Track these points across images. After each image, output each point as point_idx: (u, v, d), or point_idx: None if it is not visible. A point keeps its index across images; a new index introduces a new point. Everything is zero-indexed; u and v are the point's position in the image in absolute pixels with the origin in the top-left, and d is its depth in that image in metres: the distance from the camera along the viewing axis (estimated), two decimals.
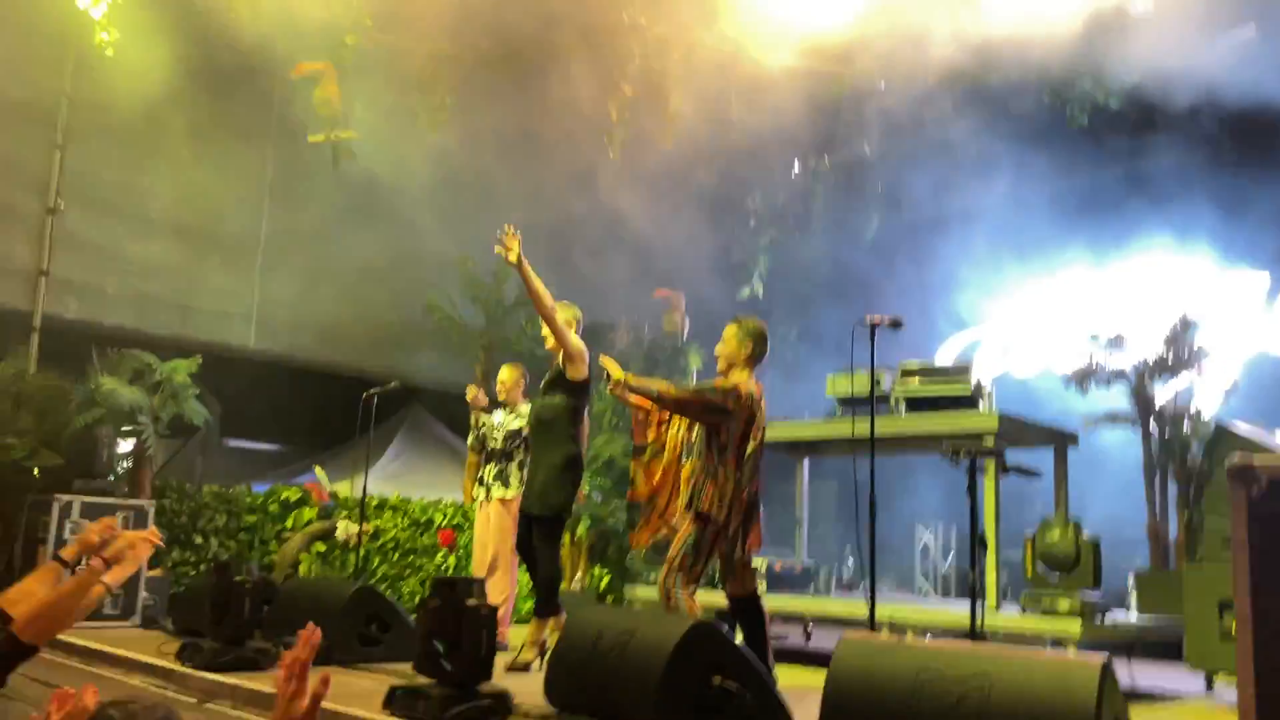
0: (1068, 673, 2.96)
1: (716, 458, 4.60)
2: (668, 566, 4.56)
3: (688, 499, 4.63)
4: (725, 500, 4.54)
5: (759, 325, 4.84)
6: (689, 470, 4.72)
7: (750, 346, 4.77)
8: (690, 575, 4.52)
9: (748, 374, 4.72)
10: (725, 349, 4.79)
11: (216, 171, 9.38)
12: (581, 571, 9.06)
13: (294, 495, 8.44)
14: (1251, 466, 2.06)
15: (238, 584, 5.04)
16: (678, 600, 4.50)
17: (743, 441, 4.61)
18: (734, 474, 4.58)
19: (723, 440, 4.60)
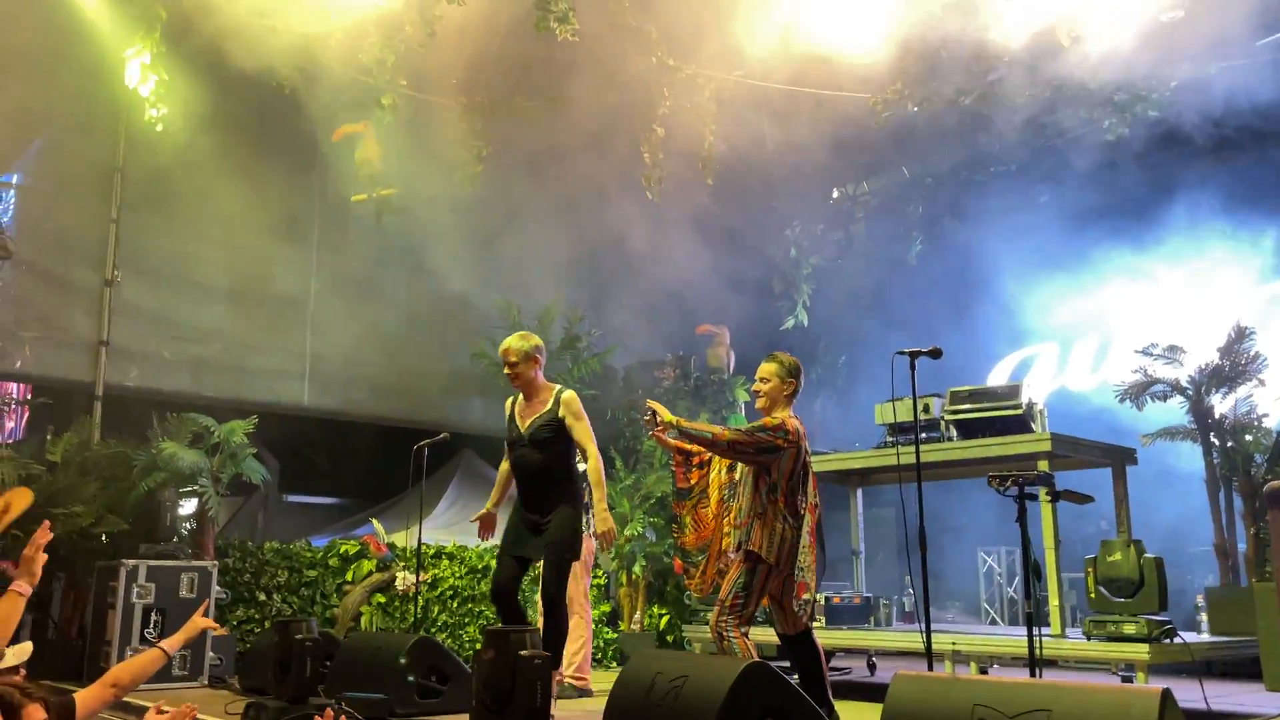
0: (1127, 704, 2.89)
1: (765, 498, 4.59)
2: (719, 608, 4.56)
3: (736, 541, 4.62)
4: (775, 540, 4.53)
5: (795, 361, 4.86)
6: (735, 511, 4.72)
7: (792, 384, 4.78)
8: (742, 616, 4.51)
9: (789, 411, 4.73)
10: (767, 387, 4.79)
11: (264, 235, 9.64)
12: (640, 611, 9.04)
13: (353, 548, 8.56)
14: None
15: (299, 642, 5.11)
16: (730, 642, 4.49)
17: (790, 479, 4.60)
18: (783, 513, 4.56)
19: (772, 479, 4.60)
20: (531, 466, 5.32)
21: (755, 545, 4.53)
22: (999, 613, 10.48)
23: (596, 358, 10.25)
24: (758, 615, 4.77)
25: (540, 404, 5.39)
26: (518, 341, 5.41)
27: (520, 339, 5.44)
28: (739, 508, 4.69)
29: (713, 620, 4.55)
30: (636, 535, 8.83)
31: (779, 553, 4.52)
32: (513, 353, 5.38)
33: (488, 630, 4.16)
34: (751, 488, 4.63)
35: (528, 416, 5.40)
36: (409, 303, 10.69)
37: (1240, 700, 5.98)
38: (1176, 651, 5.50)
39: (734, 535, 4.72)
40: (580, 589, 6.44)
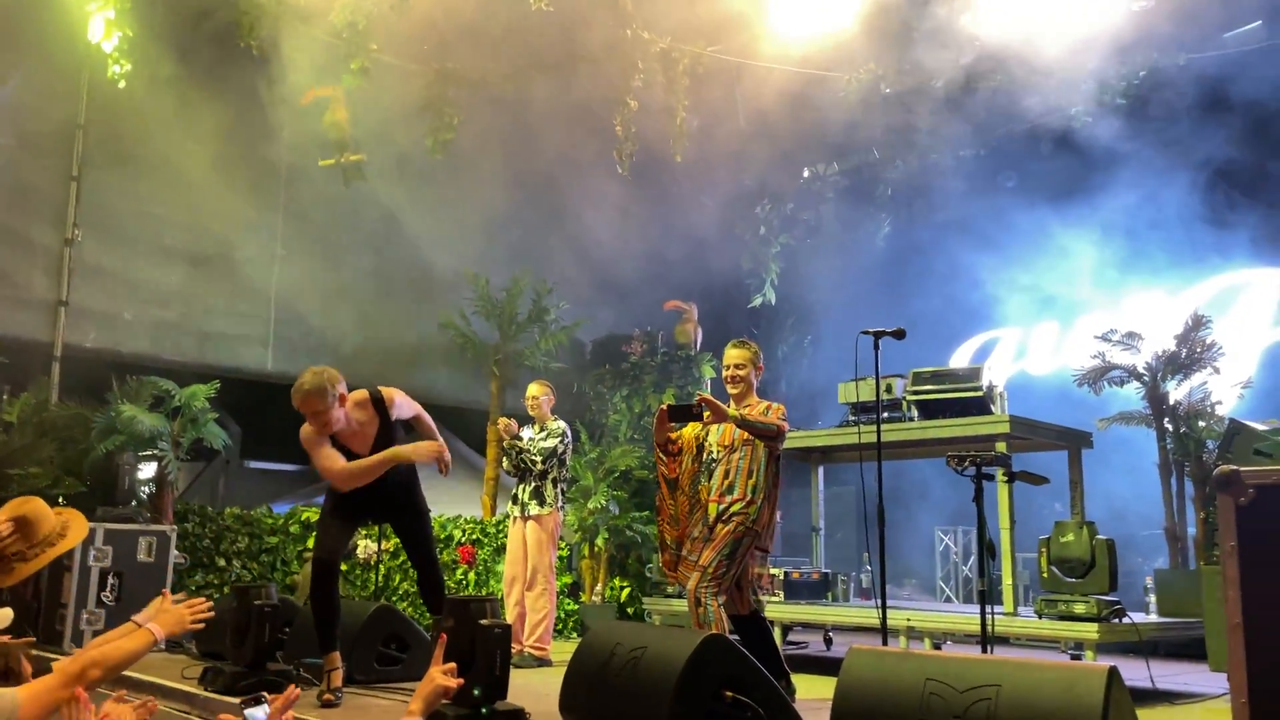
0: (1074, 680, 2.96)
1: (773, 480, 4.78)
2: (700, 574, 4.62)
3: (743, 517, 4.70)
4: (772, 524, 4.76)
5: (758, 346, 5.04)
6: (710, 490, 4.82)
7: (761, 368, 4.99)
8: (721, 584, 4.60)
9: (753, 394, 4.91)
10: (744, 374, 4.90)
11: (229, 197, 9.51)
12: (601, 584, 9.11)
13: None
14: (1238, 474, 2.08)
15: (258, 608, 5.10)
16: (707, 609, 4.56)
17: (779, 462, 4.83)
18: (775, 494, 4.76)
19: (779, 463, 4.81)
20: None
21: (761, 526, 4.65)
22: (954, 591, 10.66)
23: (564, 331, 10.25)
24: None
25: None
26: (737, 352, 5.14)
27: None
28: (727, 484, 4.78)
29: (691, 586, 4.61)
30: (600, 508, 8.88)
31: (769, 536, 4.69)
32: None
33: (449, 599, 4.18)
34: (764, 468, 4.75)
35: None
36: (376, 271, 10.61)
37: (1185, 680, 6.14)
38: (1125, 631, 5.63)
39: (713, 508, 4.79)
40: (546, 561, 6.50)
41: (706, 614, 4.56)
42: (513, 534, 6.67)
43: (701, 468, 4.94)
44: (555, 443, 6.63)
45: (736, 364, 4.90)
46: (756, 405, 4.84)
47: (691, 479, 4.96)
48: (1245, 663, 2.06)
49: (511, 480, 6.93)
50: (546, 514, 6.51)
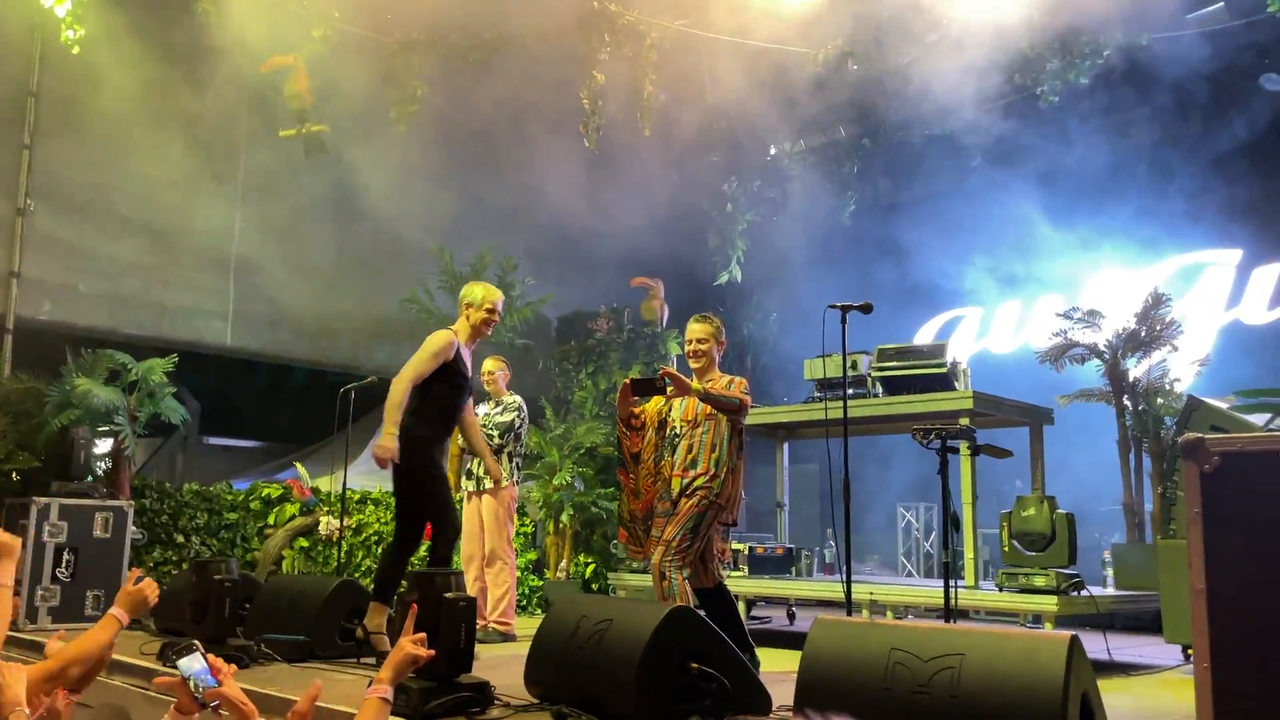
0: (1036, 649, 2.99)
1: (737, 454, 4.79)
2: (664, 548, 4.62)
3: (706, 491, 4.69)
4: (737, 497, 4.77)
5: (720, 321, 5.06)
6: (673, 464, 4.81)
7: (723, 343, 4.99)
8: (685, 557, 4.60)
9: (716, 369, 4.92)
10: (706, 348, 4.91)
11: (186, 168, 9.32)
12: (566, 560, 9.10)
13: (275, 492, 8.43)
14: (1203, 441, 2.09)
15: (217, 583, 5.03)
16: (672, 583, 4.56)
17: (742, 436, 4.86)
18: (739, 468, 4.78)
19: (742, 437, 4.81)
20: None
21: (725, 499, 4.66)
22: (915, 566, 10.77)
23: (530, 306, 10.17)
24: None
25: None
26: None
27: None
28: (690, 459, 4.77)
29: (656, 559, 4.61)
30: (565, 484, 8.86)
31: (734, 510, 4.70)
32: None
33: (413, 573, 4.14)
34: (727, 441, 4.75)
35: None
36: (339, 244, 10.45)
37: (1141, 652, 6.26)
38: (1083, 604, 5.72)
39: (676, 482, 4.79)
40: (504, 536, 6.45)
41: (671, 588, 4.57)
42: (468, 511, 6.60)
43: (665, 442, 4.94)
44: (512, 417, 6.58)
45: (698, 338, 4.90)
46: (719, 380, 4.84)
47: (654, 453, 4.95)
48: (1208, 628, 2.08)
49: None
50: (503, 488, 6.45)
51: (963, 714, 2.94)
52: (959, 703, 2.96)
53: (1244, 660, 2.09)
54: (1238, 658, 2.09)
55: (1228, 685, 2.08)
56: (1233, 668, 2.09)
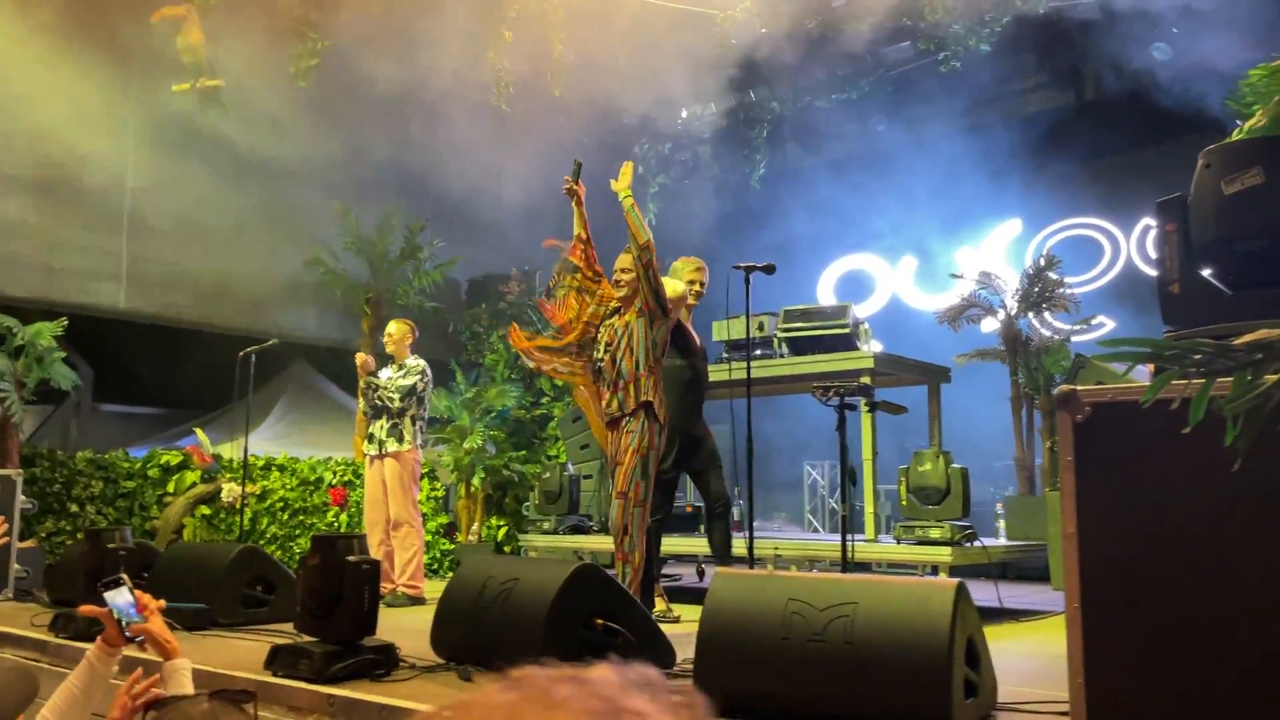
0: (925, 595, 3.12)
1: (653, 355, 4.72)
2: (622, 502, 4.57)
3: (618, 404, 4.66)
4: (660, 399, 4.72)
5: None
6: (611, 376, 4.75)
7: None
8: (646, 508, 4.61)
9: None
10: (629, 278, 4.85)
11: (74, 123, 8.89)
12: (478, 523, 9.07)
13: (175, 459, 8.21)
14: (1075, 393, 2.19)
15: (111, 551, 4.90)
16: (634, 538, 4.56)
17: (662, 352, 4.81)
18: (659, 380, 4.74)
19: (655, 335, 4.75)
20: (704, 382, 5.44)
21: (649, 395, 4.61)
22: (821, 522, 11.04)
23: (439, 269, 10.04)
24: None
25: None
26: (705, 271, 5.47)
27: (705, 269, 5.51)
28: (616, 371, 4.72)
29: (616, 516, 4.56)
30: (476, 448, 8.81)
31: (664, 413, 4.66)
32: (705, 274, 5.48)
33: (315, 536, 4.09)
34: (642, 343, 4.70)
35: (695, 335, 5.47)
36: (238, 204, 10.13)
37: (1031, 599, 6.54)
38: (976, 554, 5.94)
39: (615, 401, 4.71)
40: (409, 499, 6.39)
41: (632, 542, 4.54)
42: (370, 475, 6.51)
43: (589, 367, 4.92)
44: (414, 380, 6.49)
45: (624, 268, 4.88)
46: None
47: (584, 311, 4.96)
48: (1079, 570, 2.19)
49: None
50: (406, 450, 6.38)
51: (856, 659, 3.05)
52: (852, 649, 3.06)
53: (1112, 599, 2.21)
54: (1106, 596, 2.21)
55: (1096, 622, 2.20)
56: (1101, 606, 2.20)
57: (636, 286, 4.81)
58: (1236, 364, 1.38)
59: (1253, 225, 2.22)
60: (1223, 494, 2.05)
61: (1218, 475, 1.64)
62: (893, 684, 2.98)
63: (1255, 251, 2.24)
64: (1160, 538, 2.15)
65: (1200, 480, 2.06)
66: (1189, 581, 2.12)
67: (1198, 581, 2.11)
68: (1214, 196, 2.26)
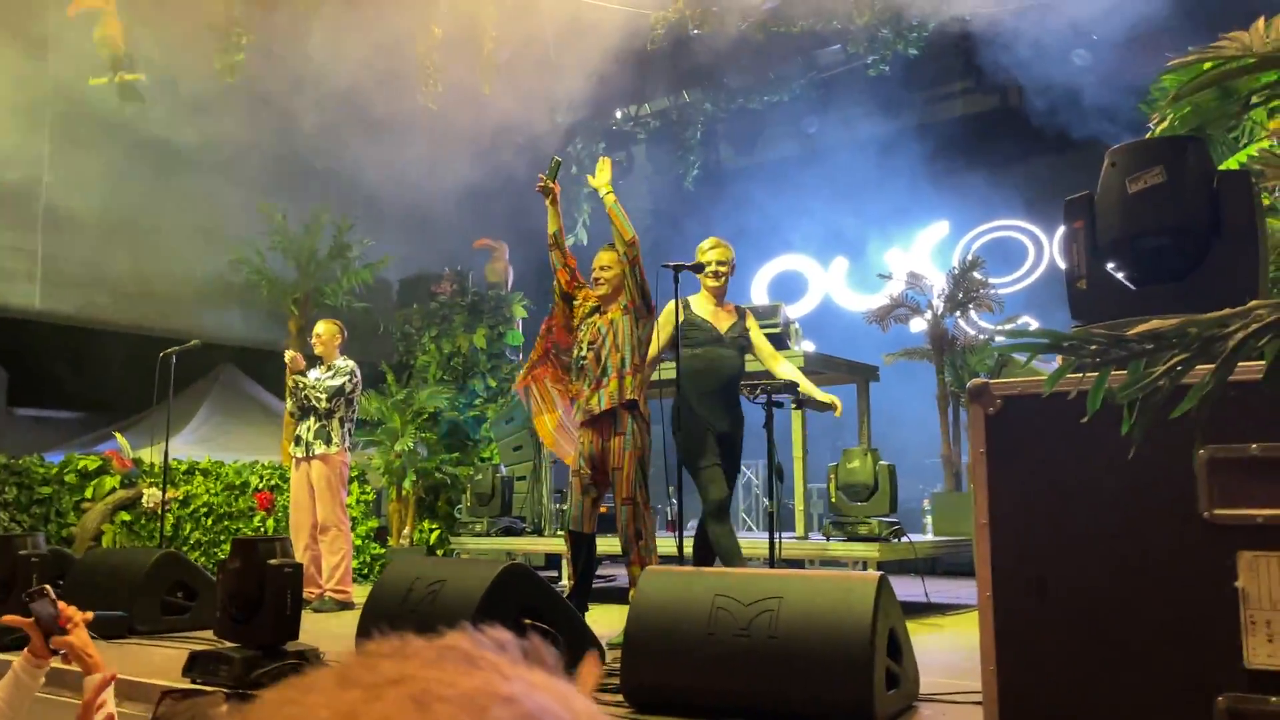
0: (848, 588, 3.16)
1: (639, 354, 4.63)
2: (631, 508, 4.51)
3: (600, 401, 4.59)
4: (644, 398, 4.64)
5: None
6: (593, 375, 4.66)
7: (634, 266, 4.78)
8: (649, 510, 4.59)
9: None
10: (610, 274, 4.74)
11: None
12: (409, 526, 8.97)
13: (93, 464, 7.97)
14: (987, 386, 2.23)
15: (23, 559, 4.74)
16: (648, 542, 4.51)
17: (644, 350, 4.70)
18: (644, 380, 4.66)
19: (642, 333, 4.67)
20: (733, 369, 5.02)
21: (633, 393, 4.54)
22: (755, 521, 11.13)
23: (368, 268, 9.90)
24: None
25: (728, 312, 5.14)
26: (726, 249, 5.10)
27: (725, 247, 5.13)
28: (601, 368, 4.62)
29: (627, 521, 4.50)
30: (407, 450, 8.71)
31: (648, 410, 4.58)
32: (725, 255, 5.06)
33: (236, 540, 4.00)
34: (628, 340, 4.62)
35: (720, 320, 5.05)
36: (160, 201, 9.86)
37: (956, 594, 6.66)
38: (903, 549, 6.04)
39: (598, 398, 4.62)
40: (337, 502, 6.28)
41: (648, 547, 4.51)
42: (296, 477, 6.38)
43: (572, 363, 4.83)
44: (342, 381, 6.39)
45: (603, 265, 4.78)
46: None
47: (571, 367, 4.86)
48: (990, 559, 2.23)
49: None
50: (334, 453, 6.27)
51: (780, 653, 3.08)
52: (776, 642, 3.09)
53: (1022, 586, 2.26)
54: (1016, 584, 2.25)
55: (1008, 611, 2.25)
56: (1012, 594, 2.25)
57: (619, 284, 4.72)
58: (1130, 354, 1.41)
59: (1154, 223, 2.29)
60: (1127, 483, 2.11)
61: (1122, 464, 1.69)
62: (816, 676, 3.02)
63: (1157, 248, 2.32)
64: (1069, 527, 2.20)
65: (1106, 470, 2.12)
66: (1097, 570, 2.18)
67: (1106, 570, 2.17)
68: (1119, 195, 2.32)
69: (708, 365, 4.89)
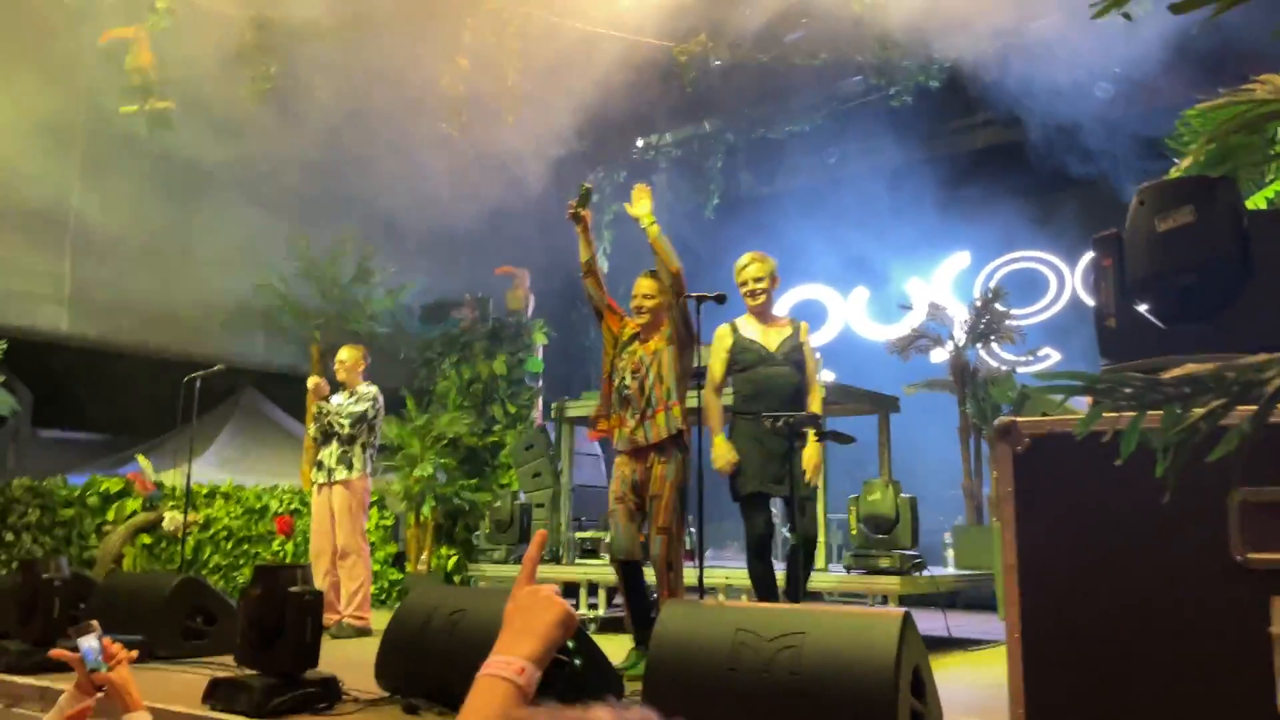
0: (871, 625, 3.12)
1: (685, 385, 4.61)
2: (665, 537, 4.51)
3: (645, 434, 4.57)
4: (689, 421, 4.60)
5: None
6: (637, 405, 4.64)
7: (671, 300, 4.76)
8: (684, 542, 4.58)
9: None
10: (652, 304, 4.74)
11: (18, 142, 8.72)
12: (427, 552, 8.96)
13: (115, 486, 8.02)
14: (1015, 425, 2.22)
15: (46, 582, 4.76)
16: (679, 575, 4.50)
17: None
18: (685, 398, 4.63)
19: (684, 365, 4.64)
20: (787, 387, 4.83)
21: (680, 424, 4.54)
22: (775, 552, 11.02)
23: (391, 294, 9.96)
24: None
25: (779, 327, 5.06)
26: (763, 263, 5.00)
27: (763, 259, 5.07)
28: (646, 400, 4.61)
29: (662, 551, 4.49)
30: (427, 476, 8.72)
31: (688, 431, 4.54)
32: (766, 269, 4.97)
33: (258, 567, 4.01)
34: (673, 370, 4.61)
35: (769, 337, 4.96)
36: (187, 227, 9.97)
37: (979, 628, 6.59)
38: (924, 583, 5.98)
39: (643, 429, 4.61)
40: (357, 528, 6.29)
41: (678, 578, 4.51)
42: (317, 503, 6.40)
43: (615, 391, 4.79)
44: (365, 407, 6.42)
45: (646, 294, 4.78)
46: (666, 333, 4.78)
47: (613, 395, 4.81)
48: (1019, 600, 2.21)
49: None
50: (355, 479, 6.29)
51: (802, 690, 3.04)
52: (799, 679, 3.06)
53: (1052, 629, 2.23)
54: (1046, 627, 2.23)
55: (1037, 653, 2.22)
56: (1041, 637, 2.22)
57: (661, 313, 4.72)
58: (1165, 398, 1.40)
59: (1184, 262, 2.28)
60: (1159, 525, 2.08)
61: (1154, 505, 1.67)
62: (840, 714, 2.98)
63: (1187, 287, 2.30)
64: (1099, 568, 2.18)
65: (1137, 510, 2.10)
66: (1127, 613, 2.15)
67: (1136, 613, 2.14)
68: (1148, 233, 2.32)
69: (758, 388, 4.80)
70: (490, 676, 1.20)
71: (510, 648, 1.24)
